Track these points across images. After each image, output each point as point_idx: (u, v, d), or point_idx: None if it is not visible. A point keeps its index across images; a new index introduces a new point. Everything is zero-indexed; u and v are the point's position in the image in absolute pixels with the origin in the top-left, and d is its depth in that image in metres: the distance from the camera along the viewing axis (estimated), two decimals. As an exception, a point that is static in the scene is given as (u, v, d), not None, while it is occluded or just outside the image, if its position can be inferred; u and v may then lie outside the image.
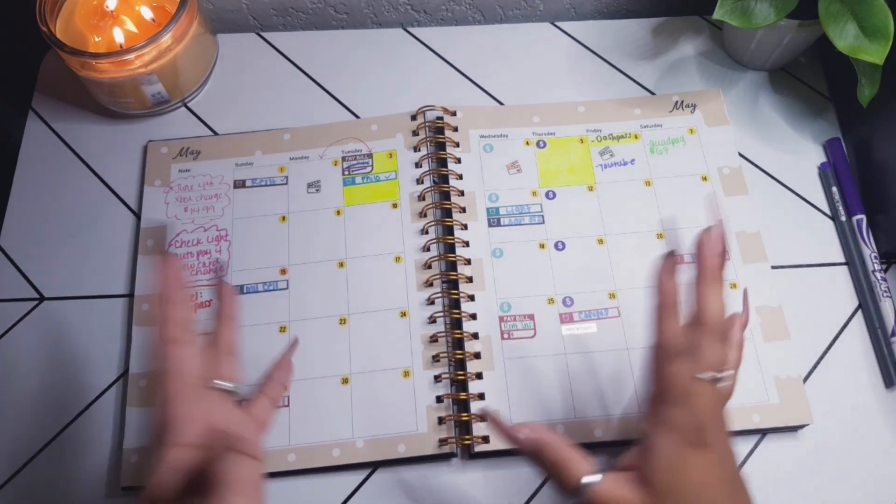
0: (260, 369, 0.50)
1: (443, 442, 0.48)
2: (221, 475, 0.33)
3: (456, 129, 0.58)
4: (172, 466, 0.35)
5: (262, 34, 0.64)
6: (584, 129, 0.59)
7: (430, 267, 0.53)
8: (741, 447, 0.49)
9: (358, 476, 0.48)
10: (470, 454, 0.49)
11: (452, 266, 0.53)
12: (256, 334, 0.52)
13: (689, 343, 0.38)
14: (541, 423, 0.49)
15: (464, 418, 0.48)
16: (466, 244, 0.54)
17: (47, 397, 0.51)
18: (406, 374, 0.50)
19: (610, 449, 0.49)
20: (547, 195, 0.56)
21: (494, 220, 0.55)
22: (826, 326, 0.53)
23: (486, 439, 0.48)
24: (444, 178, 0.56)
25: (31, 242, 0.56)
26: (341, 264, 0.54)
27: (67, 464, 0.49)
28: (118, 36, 0.56)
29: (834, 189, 0.57)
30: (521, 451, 0.38)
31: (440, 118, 0.59)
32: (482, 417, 0.48)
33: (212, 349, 0.41)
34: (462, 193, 0.56)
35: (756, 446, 0.49)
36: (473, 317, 0.52)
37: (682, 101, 0.60)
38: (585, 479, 0.35)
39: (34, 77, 0.62)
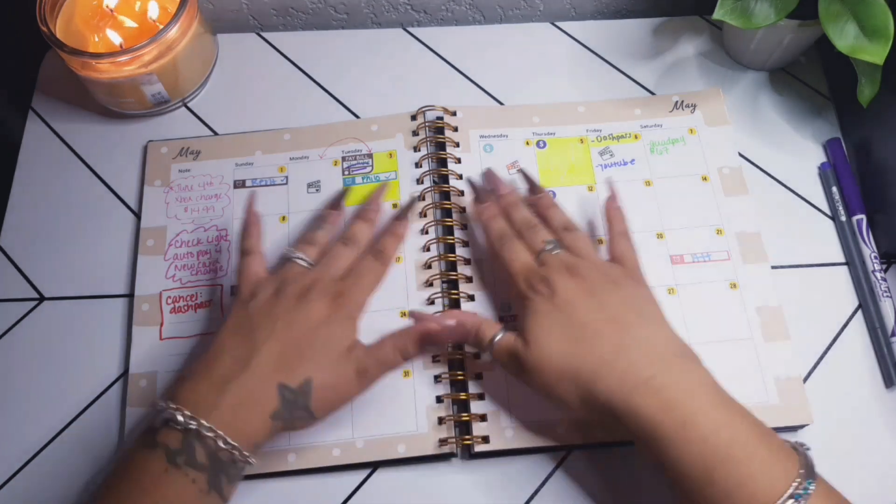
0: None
1: (443, 442, 0.48)
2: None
3: (456, 129, 0.58)
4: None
5: (262, 34, 0.64)
6: (584, 130, 0.59)
7: (430, 267, 0.53)
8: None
9: (358, 476, 0.49)
10: (470, 454, 0.49)
11: (452, 266, 0.53)
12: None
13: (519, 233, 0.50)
14: (540, 422, 0.49)
15: (464, 418, 0.48)
16: (466, 244, 0.54)
17: (47, 397, 0.51)
18: (406, 374, 0.50)
19: (610, 449, 0.49)
20: (547, 195, 0.56)
21: (494, 220, 0.55)
22: (826, 326, 0.53)
23: (486, 439, 0.48)
24: (445, 178, 0.56)
25: (31, 242, 0.56)
26: (341, 264, 0.54)
27: (67, 464, 0.49)
28: (117, 36, 0.56)
29: (834, 189, 0.57)
30: (442, 336, 0.47)
31: (440, 118, 0.59)
32: (482, 417, 0.48)
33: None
34: (462, 193, 0.56)
35: (756, 446, 0.49)
36: (473, 317, 0.52)
37: (683, 102, 0.60)
38: (497, 337, 0.46)
39: (34, 77, 0.63)
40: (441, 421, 0.49)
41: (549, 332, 0.44)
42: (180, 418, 0.39)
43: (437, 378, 0.50)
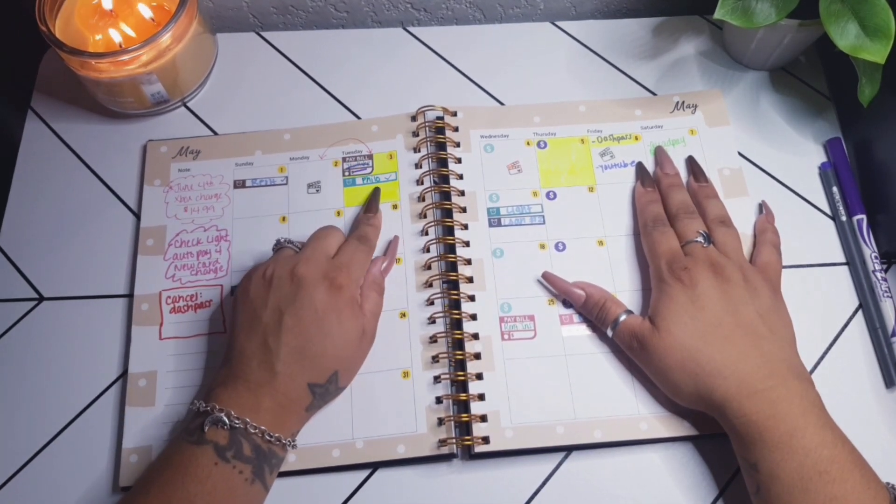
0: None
1: (442, 443, 0.48)
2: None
3: (456, 130, 0.58)
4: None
5: (262, 33, 0.64)
6: (584, 130, 0.59)
7: (429, 268, 0.53)
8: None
9: (358, 476, 0.49)
10: (470, 455, 0.49)
11: (452, 266, 0.53)
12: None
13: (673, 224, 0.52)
14: (540, 423, 0.49)
15: (464, 419, 0.48)
16: (467, 244, 0.54)
17: (47, 397, 0.51)
18: (405, 374, 0.50)
19: (610, 449, 0.49)
20: (548, 195, 0.56)
21: (495, 220, 0.55)
22: (826, 326, 0.53)
23: (486, 440, 0.48)
24: (445, 179, 0.56)
25: (31, 242, 0.56)
26: (341, 264, 0.54)
27: (67, 464, 0.49)
28: (117, 36, 0.56)
29: (834, 189, 0.57)
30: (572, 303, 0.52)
31: (440, 118, 0.59)
32: (482, 417, 0.48)
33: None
34: (462, 193, 0.56)
35: (756, 447, 0.49)
36: (474, 317, 0.52)
37: (683, 102, 0.60)
38: (621, 317, 0.49)
39: (33, 77, 0.62)
40: (441, 422, 0.49)
41: (680, 322, 0.46)
42: (227, 420, 0.42)
43: (436, 379, 0.50)
